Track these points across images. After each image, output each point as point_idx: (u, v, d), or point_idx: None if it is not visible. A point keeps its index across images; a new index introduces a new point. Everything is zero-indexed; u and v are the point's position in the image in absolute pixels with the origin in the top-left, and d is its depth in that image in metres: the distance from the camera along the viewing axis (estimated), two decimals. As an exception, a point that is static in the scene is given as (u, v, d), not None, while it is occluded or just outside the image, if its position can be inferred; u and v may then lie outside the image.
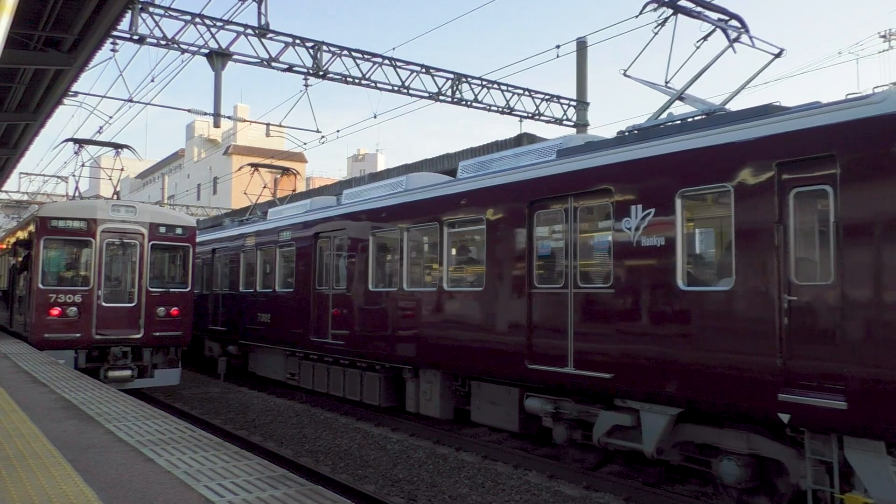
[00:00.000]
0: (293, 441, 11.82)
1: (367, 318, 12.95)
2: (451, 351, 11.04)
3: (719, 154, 7.47)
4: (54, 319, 14.09)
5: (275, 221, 16.69)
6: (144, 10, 14.12)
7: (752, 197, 7.09)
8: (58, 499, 4.32)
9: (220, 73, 14.81)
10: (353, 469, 9.98)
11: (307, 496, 4.40)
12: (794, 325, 6.68)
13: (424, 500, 8.55)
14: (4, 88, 13.90)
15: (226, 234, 19.26)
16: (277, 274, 16.18)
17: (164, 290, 15.25)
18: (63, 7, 10.47)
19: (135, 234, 15.03)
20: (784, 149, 6.87)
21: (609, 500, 8.46)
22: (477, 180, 10.86)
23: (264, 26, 15.15)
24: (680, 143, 7.92)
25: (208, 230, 22.00)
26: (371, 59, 17.30)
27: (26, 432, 6.29)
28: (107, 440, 6.02)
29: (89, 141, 17.93)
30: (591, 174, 8.92)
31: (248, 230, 17.78)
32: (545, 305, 9.42)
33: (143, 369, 14.91)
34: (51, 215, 14.54)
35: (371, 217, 13.05)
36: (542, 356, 9.30)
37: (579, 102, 20.84)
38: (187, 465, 5.16)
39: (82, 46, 11.58)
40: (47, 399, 8.21)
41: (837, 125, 6.51)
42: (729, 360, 7.18)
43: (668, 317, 7.81)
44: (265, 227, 17.00)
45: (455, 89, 18.77)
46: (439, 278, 11.40)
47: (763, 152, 7.05)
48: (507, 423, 10.41)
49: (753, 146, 7.15)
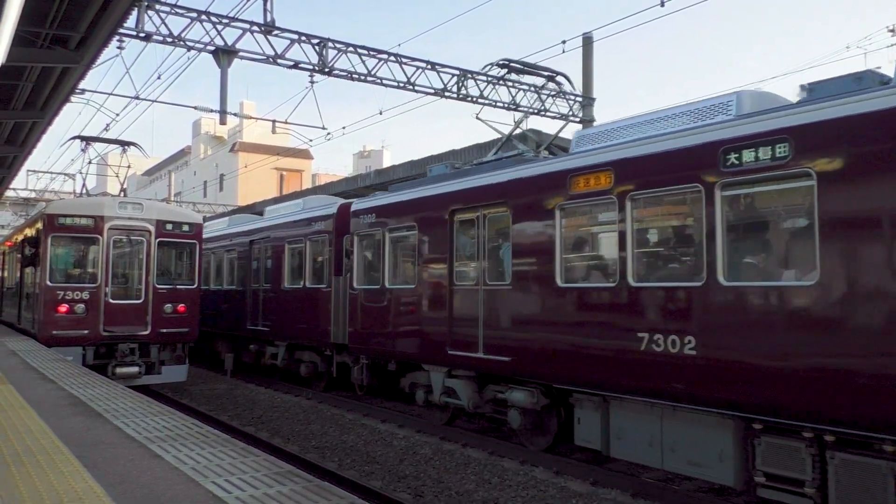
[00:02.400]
0: (300, 437, 11.86)
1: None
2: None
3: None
4: (62, 316, 14.14)
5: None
6: (150, 8, 14.12)
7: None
8: (66, 494, 4.35)
9: (226, 70, 14.81)
10: (360, 465, 10.00)
11: (314, 492, 4.42)
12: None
13: (431, 496, 8.56)
14: (12, 86, 13.93)
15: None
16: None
17: (171, 286, 15.29)
18: (70, 5, 10.48)
19: (142, 231, 15.08)
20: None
21: (616, 496, 8.46)
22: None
23: (270, 23, 15.13)
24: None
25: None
26: (377, 56, 17.27)
27: (35, 428, 6.33)
28: (115, 436, 6.05)
29: (96, 138, 17.96)
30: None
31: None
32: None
33: (150, 366, 14.94)
34: (58, 212, 14.59)
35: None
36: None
37: (585, 98, 20.78)
38: (195, 462, 5.19)
39: (89, 44, 11.59)
40: (55, 396, 8.25)
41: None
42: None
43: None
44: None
45: (461, 85, 18.73)
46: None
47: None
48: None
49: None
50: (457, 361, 10.89)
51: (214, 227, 21.79)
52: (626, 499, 8.39)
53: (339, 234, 14.57)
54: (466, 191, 10.95)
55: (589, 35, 20.06)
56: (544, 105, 20.60)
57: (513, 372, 9.94)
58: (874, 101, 6.18)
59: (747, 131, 7.08)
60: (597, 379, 8.56)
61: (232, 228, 20.56)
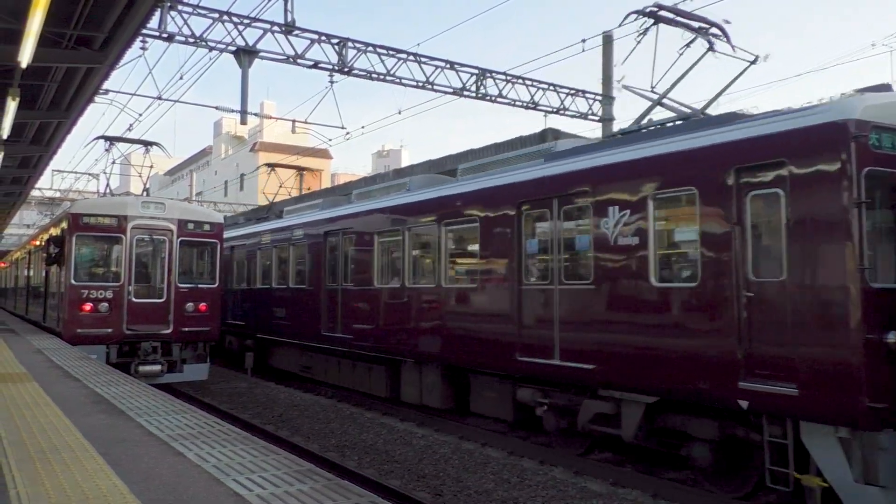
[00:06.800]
0: (320, 435, 11.91)
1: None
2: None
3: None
4: (86, 315, 14.30)
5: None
6: (173, 8, 14.27)
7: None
8: (91, 492, 4.40)
9: (247, 70, 14.92)
10: (379, 464, 10.02)
11: (334, 490, 4.43)
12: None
13: (450, 496, 8.56)
14: (37, 87, 14.12)
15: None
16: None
17: (192, 285, 15.41)
18: (94, 6, 10.60)
19: (164, 231, 15.21)
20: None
21: (636, 497, 8.41)
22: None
23: (290, 23, 15.23)
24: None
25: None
26: (396, 55, 17.31)
27: (60, 426, 6.41)
28: (138, 434, 6.12)
29: (120, 138, 18.16)
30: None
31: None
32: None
33: (172, 364, 15.08)
34: (82, 212, 14.75)
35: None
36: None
37: (605, 97, 20.66)
38: (216, 459, 5.23)
39: (113, 44, 11.71)
40: (80, 393, 8.36)
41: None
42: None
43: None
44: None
45: (479, 84, 18.71)
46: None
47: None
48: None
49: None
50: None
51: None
52: (646, 499, 8.34)
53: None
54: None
55: (609, 33, 19.95)
56: (563, 104, 20.54)
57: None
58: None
59: None
60: None
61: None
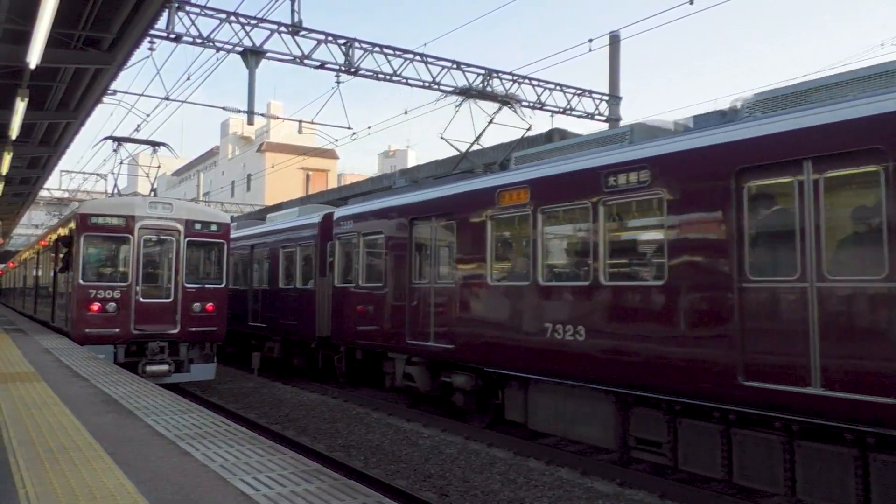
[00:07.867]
0: (326, 435, 11.93)
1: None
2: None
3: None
4: (94, 315, 14.35)
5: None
6: (181, 9, 14.34)
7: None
8: (99, 491, 4.41)
9: (253, 70, 14.97)
10: (386, 464, 10.03)
11: (341, 490, 4.44)
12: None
13: (457, 496, 8.56)
14: (46, 88, 14.19)
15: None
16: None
17: (199, 285, 15.45)
18: (102, 7, 10.65)
19: (171, 231, 15.26)
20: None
21: (643, 497, 8.39)
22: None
23: (297, 24, 15.28)
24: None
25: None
26: (402, 56, 17.34)
27: (68, 425, 6.44)
28: (145, 433, 6.14)
29: (127, 139, 18.21)
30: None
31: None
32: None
33: (179, 364, 15.12)
34: (90, 212, 14.79)
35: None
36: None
37: (611, 97, 20.64)
38: (223, 459, 5.24)
39: (121, 45, 11.76)
40: (88, 393, 8.39)
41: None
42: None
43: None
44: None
45: (486, 85, 18.71)
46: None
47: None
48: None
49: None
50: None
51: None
52: (653, 500, 8.32)
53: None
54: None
55: (616, 33, 19.92)
56: (570, 104, 20.51)
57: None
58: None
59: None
60: None
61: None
